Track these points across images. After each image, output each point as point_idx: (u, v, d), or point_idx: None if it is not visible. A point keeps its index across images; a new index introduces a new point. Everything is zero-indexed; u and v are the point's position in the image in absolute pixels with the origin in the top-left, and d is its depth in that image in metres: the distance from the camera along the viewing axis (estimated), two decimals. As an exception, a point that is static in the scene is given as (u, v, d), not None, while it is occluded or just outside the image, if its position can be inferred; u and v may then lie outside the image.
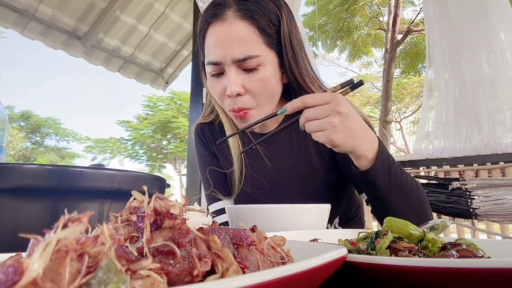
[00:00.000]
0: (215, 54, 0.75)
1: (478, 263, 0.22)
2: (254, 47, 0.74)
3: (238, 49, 0.73)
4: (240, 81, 0.75)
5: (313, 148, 0.88)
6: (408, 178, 0.71)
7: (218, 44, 0.74)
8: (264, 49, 0.75)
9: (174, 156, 14.11)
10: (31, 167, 0.45)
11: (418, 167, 1.86)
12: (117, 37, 3.12)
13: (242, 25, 0.74)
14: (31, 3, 2.62)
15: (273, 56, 0.78)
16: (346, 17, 8.89)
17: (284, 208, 0.57)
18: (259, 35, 0.75)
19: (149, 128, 13.54)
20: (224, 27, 0.74)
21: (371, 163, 0.65)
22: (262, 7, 0.76)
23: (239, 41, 0.73)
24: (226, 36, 0.74)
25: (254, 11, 0.75)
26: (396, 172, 0.68)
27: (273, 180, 0.89)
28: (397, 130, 12.38)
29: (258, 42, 0.75)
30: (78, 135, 15.82)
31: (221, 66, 0.75)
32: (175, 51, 3.48)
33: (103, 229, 0.19)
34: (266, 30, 0.75)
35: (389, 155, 0.69)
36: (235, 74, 0.74)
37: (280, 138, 0.90)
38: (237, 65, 0.74)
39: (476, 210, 1.48)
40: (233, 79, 0.74)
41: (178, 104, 13.25)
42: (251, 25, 0.74)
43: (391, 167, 0.67)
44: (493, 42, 1.74)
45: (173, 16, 3.19)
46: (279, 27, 0.77)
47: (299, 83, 0.81)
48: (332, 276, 0.25)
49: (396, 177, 0.67)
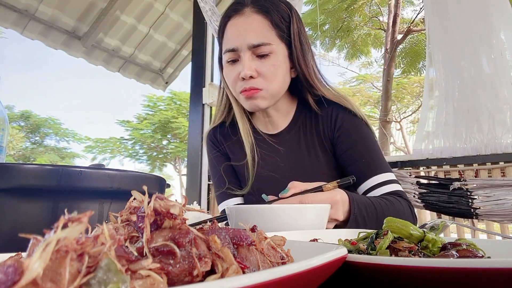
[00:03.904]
0: (232, 41, 0.85)
1: (478, 263, 0.22)
2: (267, 36, 0.85)
3: (253, 36, 0.84)
4: (254, 65, 0.84)
5: (319, 146, 0.92)
6: (385, 207, 0.76)
7: (235, 33, 0.86)
8: (276, 40, 0.86)
9: (174, 156, 14.12)
10: (31, 167, 0.45)
11: (418, 167, 1.86)
12: (117, 37, 3.12)
13: (258, 18, 0.85)
14: (31, 3, 2.62)
15: (283, 48, 0.87)
16: (346, 16, 8.89)
17: (284, 208, 0.57)
18: (272, 28, 0.85)
19: (149, 128, 13.53)
20: (242, 19, 0.86)
21: (344, 222, 0.72)
22: (275, 6, 0.87)
23: (254, 30, 0.84)
24: (243, 26, 0.85)
25: (269, 8, 0.86)
26: (371, 216, 0.74)
27: (284, 175, 0.93)
28: (397, 130, 12.38)
29: (271, 33, 0.85)
30: (78, 135, 15.82)
31: (237, 52, 0.85)
32: (175, 51, 3.48)
33: (103, 229, 0.19)
34: (278, 25, 0.86)
35: (360, 205, 0.73)
36: (249, 59, 0.84)
37: (290, 136, 0.96)
38: (251, 51, 0.84)
39: (477, 210, 1.48)
40: (248, 63, 0.83)
41: (178, 104, 13.25)
42: (265, 18, 0.85)
43: (365, 216, 0.73)
44: (493, 42, 1.74)
45: (173, 16, 3.19)
46: (289, 23, 0.88)
47: (306, 77, 0.89)
48: (332, 276, 0.25)
49: (371, 220, 0.73)
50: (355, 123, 0.91)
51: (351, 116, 0.91)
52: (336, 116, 0.91)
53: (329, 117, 0.92)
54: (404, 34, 8.32)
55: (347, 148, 0.89)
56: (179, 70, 3.64)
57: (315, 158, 0.92)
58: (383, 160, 0.87)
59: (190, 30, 3.14)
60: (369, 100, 12.38)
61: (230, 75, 0.88)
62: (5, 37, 15.17)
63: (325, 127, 0.92)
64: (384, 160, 0.87)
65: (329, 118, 0.92)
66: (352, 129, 0.90)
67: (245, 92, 0.85)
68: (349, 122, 0.90)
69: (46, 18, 2.73)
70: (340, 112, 0.92)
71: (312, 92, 0.93)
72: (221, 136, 1.03)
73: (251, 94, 0.85)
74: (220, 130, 1.04)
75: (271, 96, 0.88)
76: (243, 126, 0.96)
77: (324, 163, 0.92)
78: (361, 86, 12.51)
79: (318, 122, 0.93)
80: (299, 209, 0.58)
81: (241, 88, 0.86)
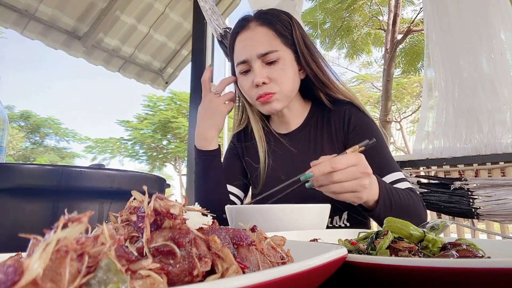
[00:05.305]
0: (243, 53, 0.93)
1: (478, 263, 0.22)
2: (273, 44, 0.92)
3: (261, 46, 0.91)
4: (265, 73, 0.91)
5: (328, 144, 0.97)
6: (406, 197, 0.78)
7: (244, 46, 0.94)
8: (282, 46, 0.93)
9: (174, 156, 14.11)
10: (31, 167, 0.45)
11: (418, 167, 1.85)
12: (117, 37, 3.12)
13: (262, 29, 0.93)
14: (31, 3, 2.62)
15: (289, 53, 0.94)
16: (346, 16, 8.88)
17: (284, 208, 0.57)
18: (276, 36, 0.93)
19: (149, 128, 13.52)
20: (248, 33, 0.94)
21: (375, 203, 0.73)
22: (277, 17, 0.95)
23: (261, 41, 0.92)
24: (250, 38, 0.93)
25: (271, 20, 0.94)
26: (396, 201, 0.75)
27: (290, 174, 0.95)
28: (397, 130, 12.38)
29: (276, 41, 0.92)
30: (78, 135, 15.81)
31: (248, 63, 0.93)
32: (174, 51, 3.47)
33: (103, 229, 0.19)
34: (281, 33, 0.93)
35: (387, 187, 0.75)
36: (260, 67, 0.91)
37: (300, 136, 1.01)
38: (261, 59, 0.91)
39: (478, 210, 1.48)
40: (259, 71, 0.91)
41: (178, 104, 13.24)
42: (269, 29, 0.93)
43: (391, 199, 0.74)
44: (493, 42, 1.74)
45: (173, 16, 3.19)
46: (291, 30, 0.95)
47: (317, 75, 0.95)
48: (332, 276, 0.25)
49: (396, 205, 0.74)
50: (368, 124, 0.95)
51: (364, 116, 0.96)
52: (350, 116, 0.96)
53: (342, 117, 0.97)
54: (404, 34, 8.31)
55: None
56: (179, 70, 3.64)
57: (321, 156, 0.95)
58: (392, 159, 0.91)
59: (190, 30, 3.14)
60: (369, 100, 12.37)
61: (244, 85, 0.95)
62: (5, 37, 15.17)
63: (337, 127, 0.97)
64: (393, 159, 0.91)
65: (342, 119, 0.96)
66: (366, 130, 0.94)
67: (261, 98, 0.92)
68: (363, 123, 0.95)
69: (46, 18, 2.72)
70: (353, 112, 0.96)
71: (325, 91, 0.99)
72: (240, 138, 1.12)
73: (266, 99, 0.91)
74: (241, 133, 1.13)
75: (285, 98, 0.94)
76: (257, 132, 1.04)
77: None
78: (361, 86, 12.50)
79: (330, 122, 0.98)
80: (299, 209, 0.58)
81: (256, 94, 0.92)
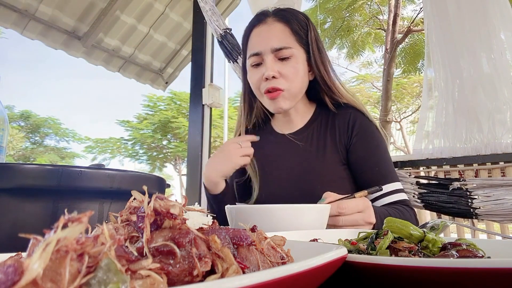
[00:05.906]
0: (257, 46, 0.94)
1: (478, 263, 0.22)
2: (288, 41, 0.93)
3: (276, 40, 0.92)
4: (276, 67, 0.91)
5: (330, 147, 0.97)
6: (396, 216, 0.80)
7: (259, 39, 0.95)
8: (296, 44, 0.94)
9: (174, 156, 14.10)
10: (31, 167, 0.45)
11: (418, 167, 1.85)
12: (117, 37, 3.12)
13: (279, 25, 0.95)
14: (31, 3, 2.62)
15: (302, 52, 0.95)
16: (346, 16, 8.88)
17: (284, 208, 0.57)
18: (292, 34, 0.94)
19: (149, 128, 13.51)
20: (265, 27, 0.95)
21: None
22: (295, 16, 0.97)
23: (276, 36, 0.93)
24: (266, 32, 0.94)
25: (289, 18, 0.96)
26: None
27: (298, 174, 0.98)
28: (397, 130, 12.38)
29: (291, 39, 0.93)
30: (78, 135, 15.81)
31: (260, 56, 0.93)
32: (174, 51, 3.47)
33: (103, 229, 0.19)
34: (297, 32, 0.95)
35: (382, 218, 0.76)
36: (272, 61, 0.92)
37: (302, 136, 1.02)
38: (274, 54, 0.92)
39: (477, 210, 1.48)
40: (270, 64, 0.91)
41: (178, 104, 13.23)
42: (286, 26, 0.94)
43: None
44: (493, 42, 1.74)
45: (173, 16, 3.19)
46: (307, 31, 0.96)
47: (324, 79, 0.97)
48: (332, 276, 0.25)
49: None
50: (371, 130, 0.96)
51: (368, 122, 0.97)
52: (355, 121, 0.96)
53: (346, 121, 0.97)
54: (404, 34, 8.31)
55: (363, 155, 0.93)
56: (179, 70, 3.64)
57: (322, 158, 0.96)
58: (393, 169, 0.93)
59: (190, 30, 3.14)
60: (369, 100, 12.37)
61: (254, 77, 0.95)
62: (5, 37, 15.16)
63: (341, 130, 0.97)
64: (393, 169, 0.93)
65: (347, 122, 0.97)
66: (369, 136, 0.95)
67: (268, 93, 0.92)
68: (367, 129, 0.95)
69: (46, 18, 2.72)
70: (358, 117, 0.97)
71: (330, 95, 1.00)
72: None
73: (274, 96, 0.92)
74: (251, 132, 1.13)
75: (293, 97, 0.94)
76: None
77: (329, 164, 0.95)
78: (361, 86, 12.50)
79: (334, 125, 0.99)
80: (299, 209, 0.58)
81: (264, 88, 0.93)
